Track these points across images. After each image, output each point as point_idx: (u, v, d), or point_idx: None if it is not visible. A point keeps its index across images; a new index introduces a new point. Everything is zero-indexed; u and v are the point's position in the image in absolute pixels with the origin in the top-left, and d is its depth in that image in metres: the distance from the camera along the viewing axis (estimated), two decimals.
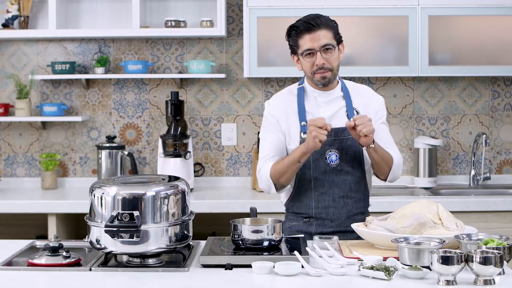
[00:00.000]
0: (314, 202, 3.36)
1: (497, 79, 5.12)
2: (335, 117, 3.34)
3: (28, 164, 5.23)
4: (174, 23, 4.94)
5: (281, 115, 3.38)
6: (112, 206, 2.80)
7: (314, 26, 3.27)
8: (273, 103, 3.44)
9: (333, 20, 3.36)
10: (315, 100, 3.38)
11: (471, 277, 2.57)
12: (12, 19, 4.99)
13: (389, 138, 3.44)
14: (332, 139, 3.31)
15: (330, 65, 3.28)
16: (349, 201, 3.37)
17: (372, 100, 3.42)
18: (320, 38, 3.26)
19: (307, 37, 3.27)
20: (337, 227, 3.35)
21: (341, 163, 3.32)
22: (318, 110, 3.36)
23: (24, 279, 2.72)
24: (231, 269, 2.79)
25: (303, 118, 3.34)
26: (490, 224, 4.42)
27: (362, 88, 3.48)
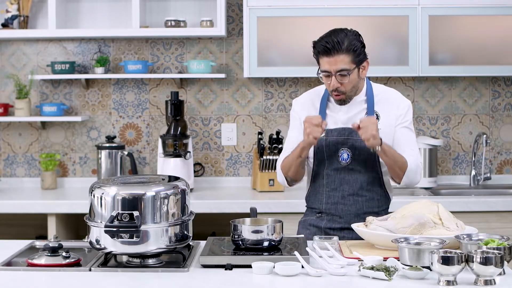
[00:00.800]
0: (325, 198, 3.42)
1: (498, 79, 5.12)
2: (353, 118, 3.38)
3: (28, 164, 5.22)
4: (174, 23, 4.94)
5: (303, 113, 3.43)
6: (112, 206, 2.79)
7: (331, 49, 3.25)
8: (298, 102, 3.53)
9: (359, 41, 3.31)
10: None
11: (471, 277, 2.56)
12: (11, 19, 4.99)
13: (409, 142, 3.40)
14: (346, 138, 3.36)
15: (344, 89, 3.30)
16: (359, 199, 3.38)
17: (396, 105, 3.42)
18: (337, 62, 3.26)
19: (325, 59, 3.28)
20: (346, 223, 3.37)
21: (353, 162, 3.36)
22: (338, 112, 3.41)
23: (23, 279, 2.72)
24: (231, 269, 2.79)
25: (323, 117, 3.35)
26: (491, 224, 4.42)
27: (388, 92, 3.48)
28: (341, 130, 3.38)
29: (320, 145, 3.37)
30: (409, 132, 3.42)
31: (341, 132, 3.37)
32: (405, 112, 3.42)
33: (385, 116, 3.39)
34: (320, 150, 3.39)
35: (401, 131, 3.39)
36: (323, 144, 3.37)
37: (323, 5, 4.74)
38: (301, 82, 5.12)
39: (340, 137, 3.36)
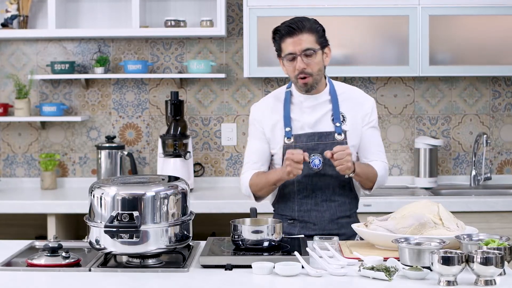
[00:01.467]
0: (297, 205, 3.35)
1: (498, 79, 5.11)
2: (320, 121, 3.32)
3: (28, 164, 5.22)
4: (174, 22, 4.94)
5: (266, 121, 3.38)
6: (111, 206, 2.79)
7: (296, 30, 3.22)
8: (258, 108, 3.44)
9: (319, 23, 3.30)
10: (301, 105, 3.35)
11: (471, 277, 2.56)
12: (11, 18, 4.99)
13: (376, 144, 3.40)
14: (316, 143, 3.30)
15: (311, 70, 3.25)
16: (333, 205, 3.35)
17: (360, 104, 3.38)
18: (302, 42, 3.22)
19: (289, 41, 3.24)
20: (320, 230, 3.33)
21: (324, 167, 3.28)
22: (303, 116, 3.34)
23: (23, 279, 2.71)
24: (231, 270, 2.78)
25: (288, 124, 3.32)
26: (491, 225, 4.42)
27: (351, 90, 3.44)
28: (310, 135, 3.31)
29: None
30: (376, 132, 3.41)
31: (310, 137, 3.30)
32: (370, 111, 3.39)
33: (351, 117, 3.34)
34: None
35: (368, 132, 3.37)
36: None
37: (323, 5, 4.74)
38: None
39: (309, 142, 3.29)
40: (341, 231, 3.33)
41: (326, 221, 3.34)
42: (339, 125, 3.30)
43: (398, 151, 5.15)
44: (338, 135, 3.30)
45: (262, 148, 3.39)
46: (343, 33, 4.78)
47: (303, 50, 3.22)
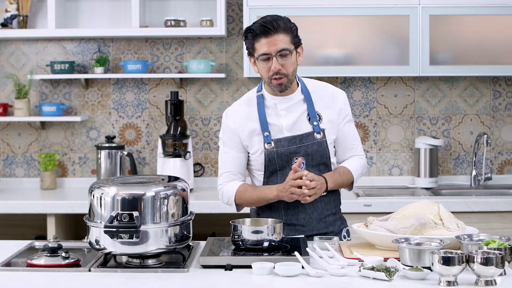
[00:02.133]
0: (283, 210, 3.31)
1: (499, 79, 5.11)
2: (298, 123, 3.28)
3: (27, 164, 5.22)
4: (173, 22, 4.93)
5: (241, 128, 3.32)
6: (111, 207, 2.79)
7: (271, 29, 3.16)
8: (232, 115, 3.36)
9: (293, 23, 3.25)
10: (275, 108, 3.30)
11: (472, 277, 2.56)
12: (11, 18, 4.98)
13: (352, 138, 3.38)
14: (297, 146, 3.26)
15: (286, 71, 3.20)
16: (319, 205, 3.32)
17: (333, 100, 3.34)
18: (277, 42, 3.16)
19: (263, 41, 3.17)
20: (309, 231, 3.30)
21: (307, 168, 3.24)
22: (279, 119, 3.28)
23: (23, 279, 2.71)
24: (231, 270, 2.78)
25: (266, 129, 3.27)
26: (491, 225, 4.41)
27: (322, 86, 3.39)
28: (291, 138, 3.25)
29: (271, 158, 3.26)
30: (351, 125, 3.38)
31: (291, 141, 3.25)
32: (344, 105, 3.35)
33: (326, 114, 3.31)
34: (271, 163, 3.27)
35: (344, 128, 3.34)
36: (274, 156, 3.25)
37: (323, 4, 4.73)
38: None
39: (291, 146, 3.25)
40: (329, 229, 3.32)
41: (314, 221, 3.31)
42: (316, 124, 3.26)
43: (399, 151, 5.14)
44: (317, 134, 3.26)
45: (238, 158, 3.34)
46: (343, 33, 4.78)
47: (279, 50, 3.16)
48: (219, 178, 3.39)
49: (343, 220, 3.41)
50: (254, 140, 3.29)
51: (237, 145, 3.32)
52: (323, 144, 3.26)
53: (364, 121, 5.14)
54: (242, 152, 3.33)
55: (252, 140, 3.30)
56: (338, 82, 5.09)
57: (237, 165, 3.34)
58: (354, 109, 5.10)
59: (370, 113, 5.13)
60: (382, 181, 5.13)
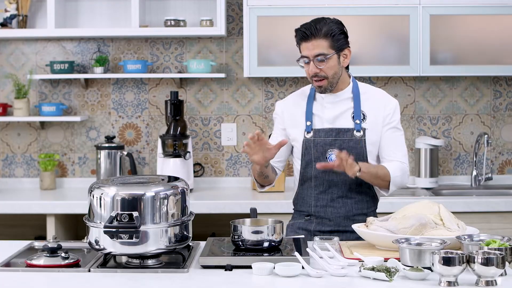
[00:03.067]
0: (313, 201, 3.39)
1: (499, 79, 5.10)
2: (340, 117, 3.37)
3: (27, 164, 5.21)
4: (173, 22, 4.93)
5: (287, 116, 3.46)
6: (111, 207, 2.79)
7: (309, 35, 3.28)
8: (281, 104, 3.52)
9: (337, 27, 3.33)
10: (322, 100, 3.41)
11: (472, 278, 2.56)
12: (10, 18, 4.98)
13: (395, 144, 3.40)
14: (334, 139, 3.34)
15: (325, 74, 3.30)
16: (349, 202, 3.37)
17: (383, 104, 3.40)
18: (314, 47, 3.28)
19: (303, 45, 3.31)
20: (335, 226, 3.36)
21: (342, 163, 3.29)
22: (324, 111, 3.39)
23: (22, 280, 2.71)
24: (231, 270, 2.78)
25: (309, 118, 3.39)
26: (492, 225, 4.41)
27: (375, 91, 3.47)
28: (328, 130, 3.36)
29: (307, 146, 3.36)
30: (396, 133, 3.41)
31: (328, 132, 3.35)
32: (392, 112, 3.41)
33: (372, 116, 3.37)
34: (307, 152, 3.37)
35: (388, 133, 3.38)
36: (311, 145, 3.36)
37: (323, 4, 4.73)
38: (301, 82, 5.10)
39: (327, 138, 3.35)
40: None
41: (341, 218, 3.37)
42: (359, 123, 3.34)
43: None
44: (357, 132, 3.33)
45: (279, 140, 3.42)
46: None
47: (315, 55, 3.28)
48: None
49: None
50: (296, 128, 3.41)
51: (280, 128, 3.48)
52: (361, 143, 3.33)
53: None
54: (283, 136, 3.45)
55: (294, 128, 3.42)
56: None
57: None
58: None
59: None
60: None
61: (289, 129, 3.45)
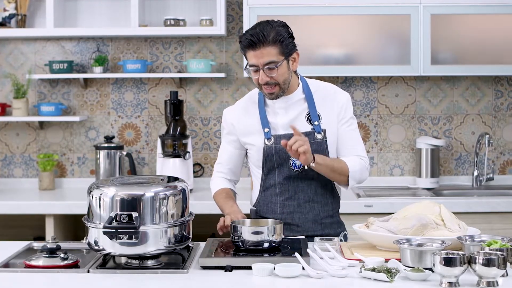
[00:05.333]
0: (279, 207, 3.30)
1: (501, 79, 5.09)
2: (295, 122, 3.25)
3: (26, 164, 5.20)
4: (173, 21, 4.92)
5: (239, 125, 3.34)
6: (110, 207, 2.78)
7: (257, 43, 3.12)
8: (231, 112, 3.39)
9: (285, 31, 3.17)
10: (273, 106, 3.29)
11: (474, 278, 2.55)
12: (9, 17, 4.97)
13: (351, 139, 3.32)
14: None
15: (275, 80, 3.17)
16: (315, 206, 3.30)
17: (335, 100, 3.31)
18: (263, 55, 3.13)
19: (251, 53, 3.15)
20: (304, 232, 3.29)
21: (305, 168, 3.23)
22: (276, 118, 3.29)
23: (21, 281, 2.70)
24: (231, 271, 2.77)
25: (266, 125, 3.27)
26: (493, 225, 4.41)
27: (326, 87, 3.36)
28: (290, 136, 3.18)
29: (269, 153, 3.26)
30: (351, 127, 3.32)
31: (289, 138, 3.17)
32: (345, 106, 3.31)
33: (327, 114, 3.28)
34: (269, 159, 3.27)
35: (343, 129, 3.30)
36: (273, 152, 3.26)
37: (323, 3, 4.72)
38: None
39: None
40: (325, 232, 3.30)
41: (310, 222, 3.29)
42: (317, 124, 3.25)
43: (400, 151, 5.13)
44: (318, 134, 3.25)
45: (233, 153, 3.40)
46: (344, 32, 4.76)
47: (265, 64, 3.14)
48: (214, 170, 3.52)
49: (340, 223, 3.39)
50: (253, 136, 3.30)
51: (232, 138, 3.38)
52: (323, 145, 3.25)
53: (365, 121, 5.12)
54: (236, 148, 3.38)
55: (250, 136, 3.31)
56: (339, 82, 5.08)
57: (231, 158, 3.41)
58: (355, 109, 5.08)
59: (371, 113, 5.11)
60: (383, 181, 5.11)
61: (243, 138, 3.33)
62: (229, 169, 3.43)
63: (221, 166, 3.45)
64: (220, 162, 3.46)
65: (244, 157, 3.43)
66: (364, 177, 3.33)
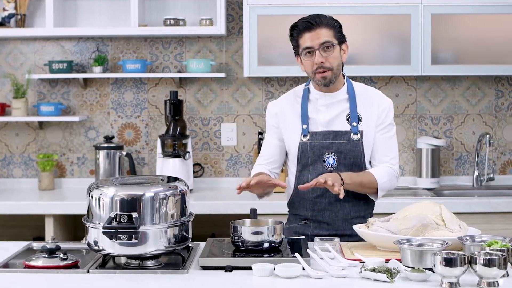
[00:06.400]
0: (310, 204, 3.35)
1: (501, 78, 5.09)
2: (335, 121, 3.32)
3: (25, 164, 5.19)
4: (173, 21, 4.91)
5: (281, 118, 3.40)
6: (110, 207, 2.78)
7: (314, 24, 3.24)
8: (274, 105, 3.46)
9: (336, 20, 3.32)
10: (316, 102, 3.36)
11: (474, 279, 2.55)
12: (8, 17, 4.96)
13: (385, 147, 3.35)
14: (331, 142, 3.30)
15: (330, 64, 3.25)
16: (347, 205, 3.34)
17: (376, 104, 3.36)
18: (320, 36, 3.23)
19: (307, 35, 3.25)
20: (334, 230, 3.33)
21: (339, 166, 3.29)
22: (318, 114, 3.35)
23: (20, 281, 2.69)
24: (231, 271, 2.77)
25: (305, 121, 3.33)
26: (494, 226, 4.40)
27: (369, 91, 3.42)
28: (325, 133, 3.30)
29: (304, 149, 3.31)
30: (388, 133, 3.36)
31: (325, 135, 3.30)
32: (386, 112, 3.36)
33: (366, 116, 3.33)
34: (304, 155, 3.32)
35: (380, 134, 3.34)
36: (307, 148, 3.31)
37: (324, 3, 4.72)
38: (301, 81, 5.08)
39: (324, 141, 3.30)
40: (355, 232, 3.30)
41: (340, 221, 3.33)
42: (355, 125, 3.30)
43: (400, 151, 5.12)
44: (354, 135, 3.30)
45: (274, 145, 3.43)
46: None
47: (321, 43, 3.23)
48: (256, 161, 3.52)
49: None
50: (291, 131, 3.36)
51: (274, 130, 3.43)
52: (359, 146, 3.29)
53: None
54: (277, 139, 3.42)
55: (289, 131, 3.37)
56: None
57: (272, 150, 3.43)
58: None
59: None
60: None
61: (283, 131, 3.40)
62: (270, 162, 3.44)
63: (262, 158, 3.46)
64: (261, 155, 3.47)
65: (285, 155, 3.45)
66: (393, 186, 3.38)
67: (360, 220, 3.34)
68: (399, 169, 3.39)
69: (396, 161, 3.38)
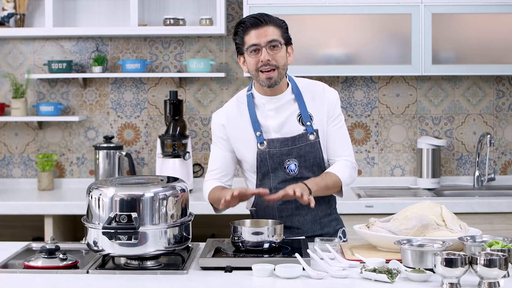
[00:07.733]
0: (277, 212, 3.27)
1: (502, 78, 5.08)
2: (287, 123, 3.23)
3: (24, 164, 5.19)
4: (173, 21, 4.91)
5: (229, 129, 3.29)
6: (109, 208, 2.77)
7: (262, 22, 3.14)
8: (220, 116, 3.33)
9: (283, 20, 3.22)
10: (263, 108, 3.25)
11: (475, 279, 2.55)
12: (8, 17, 4.96)
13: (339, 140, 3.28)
14: (290, 148, 3.21)
15: (276, 62, 3.14)
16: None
17: (326, 100, 3.27)
18: (267, 34, 3.13)
19: (253, 33, 3.14)
20: (305, 233, 3.26)
21: (300, 171, 3.22)
22: (267, 120, 3.24)
23: (20, 282, 2.69)
24: (231, 272, 2.76)
25: (257, 128, 3.23)
26: (495, 226, 4.40)
27: (313, 85, 3.32)
28: (283, 140, 3.20)
29: (263, 158, 3.22)
30: (338, 124, 3.29)
31: (283, 142, 3.20)
32: (334, 104, 3.28)
33: (317, 114, 3.24)
34: (263, 164, 3.22)
35: (331, 128, 3.26)
36: (266, 157, 3.21)
37: (324, 3, 4.71)
38: None
39: (283, 148, 3.20)
40: (324, 231, 3.29)
41: (309, 223, 3.27)
42: (310, 125, 3.22)
43: (401, 151, 5.11)
44: (311, 135, 3.22)
45: (223, 156, 3.31)
46: (344, 31, 4.75)
47: (269, 41, 3.13)
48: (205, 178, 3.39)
49: (339, 220, 3.38)
50: (245, 140, 3.26)
51: (223, 142, 3.30)
52: (317, 145, 3.22)
53: (365, 121, 5.11)
54: (227, 151, 3.31)
55: (241, 140, 3.26)
56: (339, 82, 5.06)
57: (223, 163, 3.31)
58: (355, 108, 5.07)
59: (372, 113, 5.10)
60: (383, 181, 5.10)
61: (234, 142, 3.28)
62: (223, 175, 3.33)
63: (215, 172, 3.34)
64: (212, 169, 3.34)
65: (237, 162, 3.35)
66: (354, 179, 3.31)
67: (328, 218, 3.30)
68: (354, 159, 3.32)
69: (351, 152, 3.30)
